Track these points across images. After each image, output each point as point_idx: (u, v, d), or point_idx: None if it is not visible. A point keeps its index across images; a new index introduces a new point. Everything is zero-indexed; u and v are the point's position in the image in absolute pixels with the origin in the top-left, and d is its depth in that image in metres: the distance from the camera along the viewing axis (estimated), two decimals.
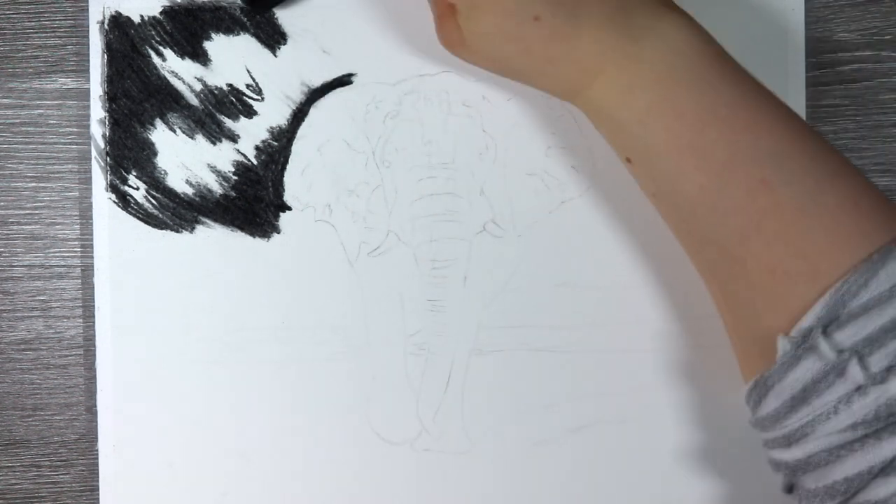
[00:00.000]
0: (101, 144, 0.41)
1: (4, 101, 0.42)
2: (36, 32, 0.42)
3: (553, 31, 0.32)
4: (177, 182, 0.41)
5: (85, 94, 0.41)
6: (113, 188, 0.41)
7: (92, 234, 0.41)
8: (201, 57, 0.41)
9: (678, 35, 0.33)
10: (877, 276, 0.29)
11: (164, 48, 0.41)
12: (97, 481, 0.41)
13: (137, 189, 0.41)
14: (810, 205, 0.31)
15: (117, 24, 0.41)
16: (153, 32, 0.41)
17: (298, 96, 0.41)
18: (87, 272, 0.42)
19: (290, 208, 0.41)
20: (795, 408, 0.30)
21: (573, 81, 0.34)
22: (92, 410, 0.41)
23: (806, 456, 0.30)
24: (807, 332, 0.30)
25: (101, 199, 0.41)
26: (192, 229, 0.41)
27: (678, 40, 0.32)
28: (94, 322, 0.41)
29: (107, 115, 0.41)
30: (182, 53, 0.41)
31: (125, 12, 0.41)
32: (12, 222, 0.42)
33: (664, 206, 0.35)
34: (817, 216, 0.30)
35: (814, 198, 0.31)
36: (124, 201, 0.41)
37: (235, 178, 0.41)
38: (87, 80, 0.41)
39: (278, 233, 0.41)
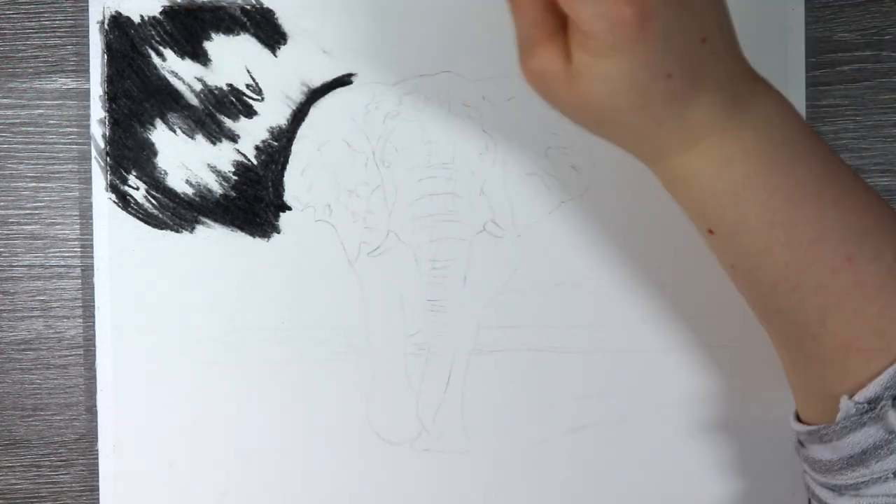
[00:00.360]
0: (101, 144, 0.41)
1: (4, 101, 0.42)
2: (36, 32, 0.42)
3: (676, 91, 0.31)
4: (177, 182, 0.41)
5: (85, 94, 0.41)
6: (113, 188, 0.41)
7: (92, 234, 0.41)
8: (201, 57, 0.41)
9: (774, 108, 0.32)
10: None
11: (164, 48, 0.41)
12: (97, 481, 0.41)
13: (137, 189, 0.41)
14: (890, 281, 0.31)
15: (117, 24, 0.41)
16: (153, 32, 0.41)
17: (298, 96, 0.41)
18: (87, 272, 0.42)
19: (290, 208, 0.41)
20: (851, 466, 0.31)
21: (671, 145, 0.33)
22: (92, 410, 0.41)
23: None
24: (873, 399, 0.30)
25: (101, 199, 0.41)
26: (192, 229, 0.41)
27: (774, 113, 0.32)
28: (94, 322, 0.41)
29: (107, 115, 0.41)
30: (182, 53, 0.41)
31: (125, 12, 0.41)
32: (12, 222, 0.42)
33: (743, 280, 0.34)
34: (893, 293, 0.31)
35: (893, 274, 0.31)
36: (124, 201, 0.41)
37: (235, 178, 0.41)
38: (87, 80, 0.41)
39: (278, 233, 0.41)
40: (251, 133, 0.41)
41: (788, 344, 0.34)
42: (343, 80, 0.41)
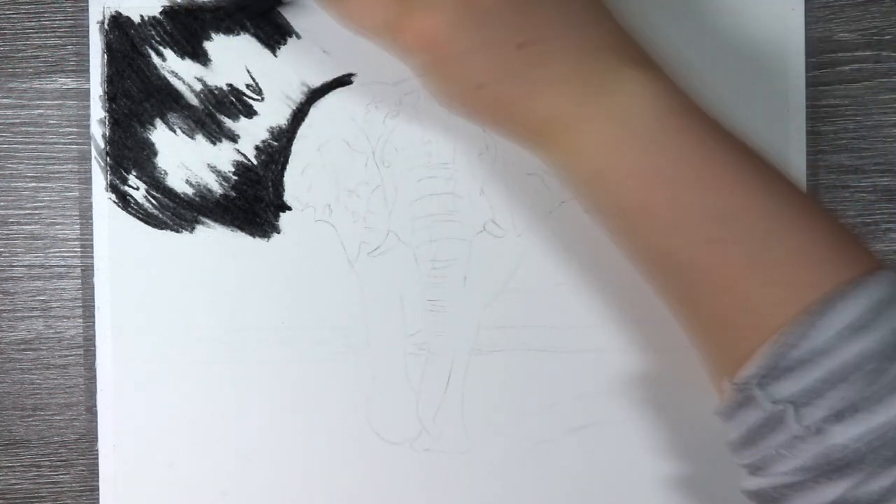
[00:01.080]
0: (101, 144, 0.41)
1: (4, 101, 0.42)
2: (36, 32, 0.42)
3: (498, 98, 0.33)
4: (177, 182, 0.41)
5: (85, 94, 0.41)
6: (113, 188, 0.41)
7: (92, 234, 0.41)
8: (201, 57, 0.41)
9: (638, 94, 0.32)
10: (815, 326, 0.29)
11: (164, 48, 0.41)
12: (97, 481, 0.41)
13: (137, 189, 0.41)
14: (758, 260, 0.31)
15: (117, 24, 0.41)
16: (153, 32, 0.41)
17: (298, 96, 0.41)
18: (87, 272, 0.42)
19: (290, 208, 0.41)
20: (749, 447, 0.32)
21: (529, 140, 0.34)
22: (92, 410, 0.41)
23: (758, 488, 0.32)
24: (748, 381, 0.31)
25: (101, 199, 0.41)
26: (192, 229, 0.41)
27: (637, 100, 0.32)
28: (94, 322, 0.41)
29: (107, 115, 0.41)
30: (182, 53, 0.41)
31: (125, 12, 0.41)
32: (12, 222, 0.42)
33: (630, 259, 0.35)
34: (765, 271, 0.31)
35: (762, 253, 0.31)
36: (124, 201, 0.41)
37: (235, 178, 0.41)
38: (87, 80, 0.41)
39: (278, 233, 0.41)
40: (251, 133, 0.41)
41: (678, 318, 0.35)
42: (343, 80, 0.41)
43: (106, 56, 0.41)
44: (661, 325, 0.41)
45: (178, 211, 0.41)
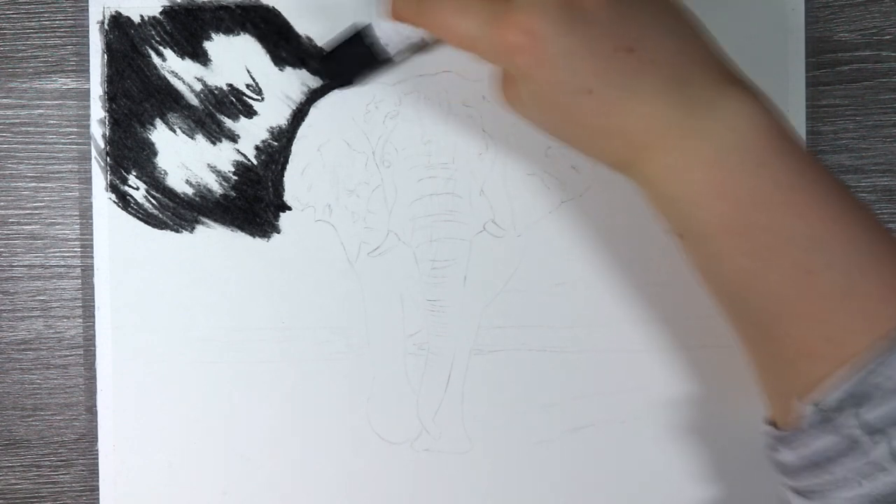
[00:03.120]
0: (101, 144, 0.41)
1: (4, 101, 0.42)
2: (36, 32, 0.42)
3: (604, 104, 0.31)
4: (177, 182, 0.41)
5: (85, 94, 0.41)
6: (113, 188, 0.41)
7: (92, 234, 0.41)
8: (201, 57, 0.41)
9: (738, 113, 0.31)
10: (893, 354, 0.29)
11: (164, 48, 0.41)
12: (97, 481, 0.41)
13: (137, 189, 0.41)
14: (848, 290, 0.31)
15: (117, 24, 0.41)
16: (153, 32, 0.41)
17: (298, 96, 0.41)
18: (87, 272, 0.42)
19: (290, 208, 0.41)
20: (815, 472, 0.31)
21: (626, 155, 0.33)
22: (92, 410, 0.41)
23: None
24: (835, 406, 0.30)
25: (101, 199, 0.41)
26: (192, 229, 0.41)
27: (739, 119, 0.31)
28: (94, 322, 0.41)
29: (107, 115, 0.41)
30: (182, 53, 0.41)
31: (125, 12, 0.41)
32: (12, 222, 0.42)
33: (708, 281, 0.34)
34: (854, 301, 0.31)
35: (853, 283, 0.31)
36: (124, 201, 0.41)
37: (235, 178, 0.41)
38: (87, 80, 0.41)
39: (278, 233, 0.41)
40: (251, 133, 0.41)
41: (751, 346, 0.34)
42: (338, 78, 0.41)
43: (106, 56, 0.41)
44: (661, 324, 0.41)
45: (178, 211, 0.41)
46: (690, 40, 0.32)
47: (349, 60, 0.40)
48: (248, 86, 0.41)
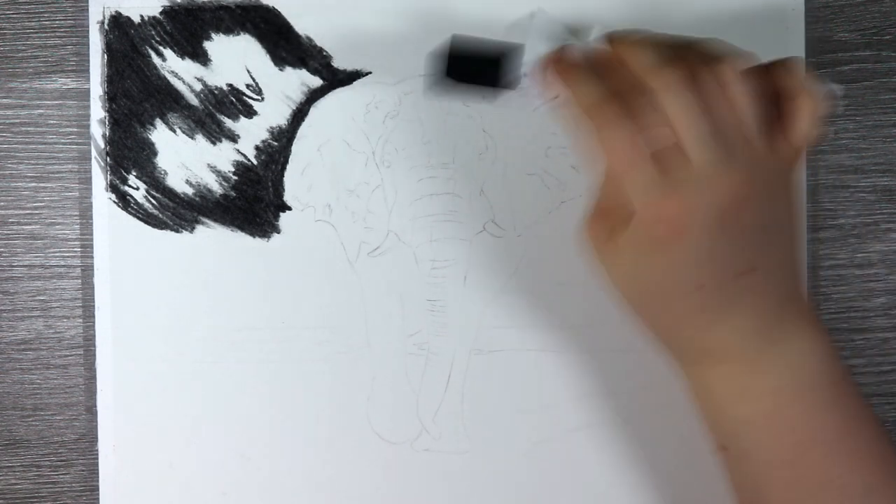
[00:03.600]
0: (101, 144, 0.41)
1: (4, 101, 0.42)
2: (36, 32, 0.42)
3: (704, 304, 0.32)
4: (177, 182, 0.41)
5: (85, 94, 0.41)
6: (113, 188, 0.41)
7: (92, 234, 0.41)
8: (201, 57, 0.41)
9: (809, 352, 0.32)
10: None
11: (164, 48, 0.41)
12: (97, 481, 0.41)
13: (137, 189, 0.41)
14: None
15: (117, 24, 0.41)
16: (153, 32, 0.41)
17: (298, 96, 0.41)
18: (87, 272, 0.42)
19: (290, 208, 0.41)
20: None
21: (694, 355, 0.34)
22: (92, 410, 0.41)
23: None
24: None
25: (101, 199, 0.41)
26: (192, 229, 0.41)
27: (808, 358, 0.32)
28: (94, 322, 0.41)
29: (107, 115, 0.41)
30: (182, 53, 0.41)
31: (125, 12, 0.41)
32: (12, 222, 0.42)
33: (741, 497, 0.35)
34: None
35: None
36: (124, 201, 0.41)
37: (235, 178, 0.41)
38: (87, 80, 0.41)
39: (278, 233, 0.41)
40: (251, 133, 0.41)
41: None
42: (343, 80, 0.41)
43: (106, 56, 0.41)
44: None
45: (178, 211, 0.41)
46: (792, 273, 0.33)
47: (472, 69, 0.34)
48: (248, 86, 0.41)
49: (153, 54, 0.41)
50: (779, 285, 0.32)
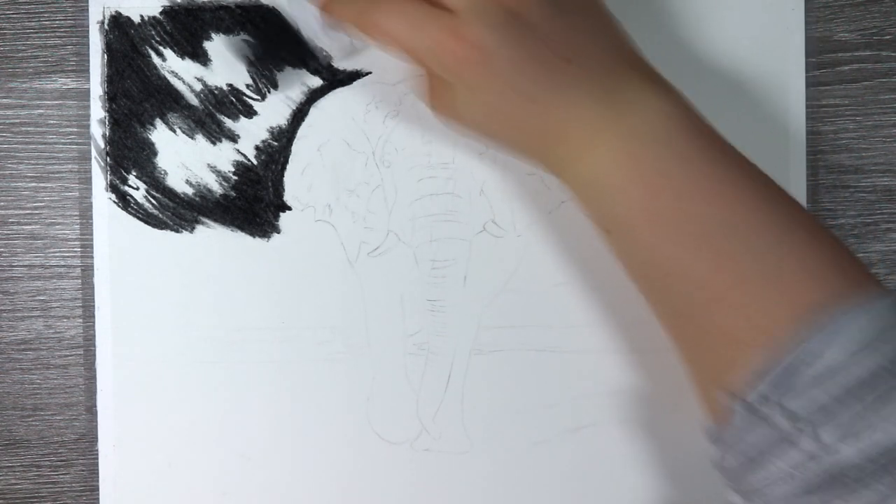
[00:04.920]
0: (101, 144, 0.41)
1: (4, 101, 0.42)
2: (36, 32, 0.42)
3: (546, 111, 0.33)
4: (177, 182, 0.41)
5: (85, 94, 0.41)
6: (113, 188, 0.41)
7: (92, 234, 0.41)
8: (201, 57, 0.41)
9: (655, 108, 0.33)
10: (830, 345, 0.29)
11: (164, 48, 0.41)
12: (97, 481, 0.41)
13: (137, 189, 0.41)
14: (774, 277, 0.31)
15: (117, 24, 0.41)
16: (153, 32, 0.41)
17: (298, 96, 0.41)
18: (87, 272, 0.42)
19: (290, 208, 0.41)
20: (752, 469, 0.31)
21: (563, 157, 0.35)
22: (92, 410, 0.41)
23: None
24: (761, 398, 0.30)
25: (101, 199, 0.41)
26: (192, 229, 0.41)
27: (654, 114, 0.33)
28: (94, 322, 0.41)
29: (107, 115, 0.41)
30: (182, 53, 0.41)
31: (125, 12, 0.41)
32: (12, 222, 0.42)
33: (635, 274, 0.35)
34: (780, 288, 0.31)
35: (778, 270, 0.31)
36: (124, 201, 0.41)
37: (235, 178, 0.41)
38: (87, 80, 0.41)
39: (278, 233, 0.41)
40: (251, 133, 0.41)
41: (680, 339, 0.35)
42: (343, 80, 0.41)
43: (106, 56, 0.41)
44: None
45: (178, 211, 0.41)
46: (616, 44, 0.34)
47: (285, 58, 0.40)
48: (248, 86, 0.41)
49: (153, 54, 0.41)
50: (602, 67, 0.33)
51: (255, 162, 0.41)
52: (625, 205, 0.33)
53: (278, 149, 0.41)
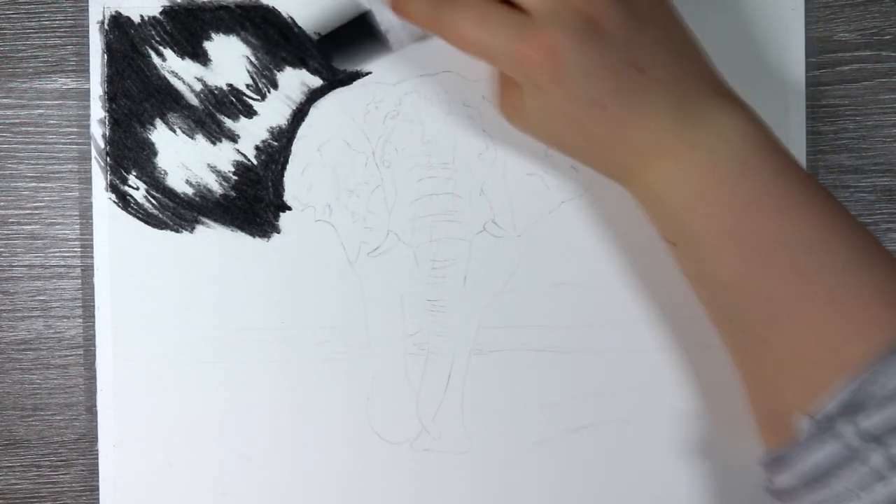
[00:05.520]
0: (101, 144, 0.41)
1: (4, 101, 0.42)
2: (36, 32, 0.42)
3: (615, 119, 0.33)
4: (177, 182, 0.41)
5: (85, 94, 0.41)
6: (113, 188, 0.41)
7: (92, 234, 0.41)
8: (201, 57, 0.41)
9: (731, 125, 0.33)
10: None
11: (164, 48, 0.41)
12: (97, 481, 0.41)
13: (137, 189, 0.41)
14: (842, 295, 0.31)
15: (117, 24, 0.41)
16: (153, 32, 0.41)
17: (298, 96, 0.41)
18: (87, 272, 0.42)
19: (290, 208, 0.41)
20: (814, 488, 0.31)
21: (628, 166, 0.35)
22: (92, 410, 0.41)
23: None
24: (831, 416, 0.30)
25: (101, 199, 0.41)
26: (192, 229, 0.41)
27: (730, 130, 0.33)
28: (94, 322, 0.41)
29: (107, 115, 0.41)
30: (182, 53, 0.41)
31: (125, 12, 0.41)
32: (12, 222, 0.42)
33: (702, 289, 0.35)
34: (848, 306, 0.31)
35: (847, 288, 0.31)
36: (124, 201, 0.41)
37: (235, 178, 0.41)
38: (87, 80, 0.41)
39: (278, 233, 0.41)
40: (251, 133, 0.41)
41: (746, 358, 0.34)
42: (343, 80, 0.41)
43: (106, 56, 0.41)
44: (661, 324, 0.41)
45: (178, 211, 0.41)
46: (691, 58, 0.34)
47: (346, 44, 0.38)
48: (248, 86, 0.41)
49: (153, 54, 0.41)
50: (676, 78, 0.33)
51: (255, 162, 0.41)
52: (692, 218, 0.33)
53: (278, 149, 0.41)
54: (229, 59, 0.41)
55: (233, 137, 0.41)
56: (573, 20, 0.32)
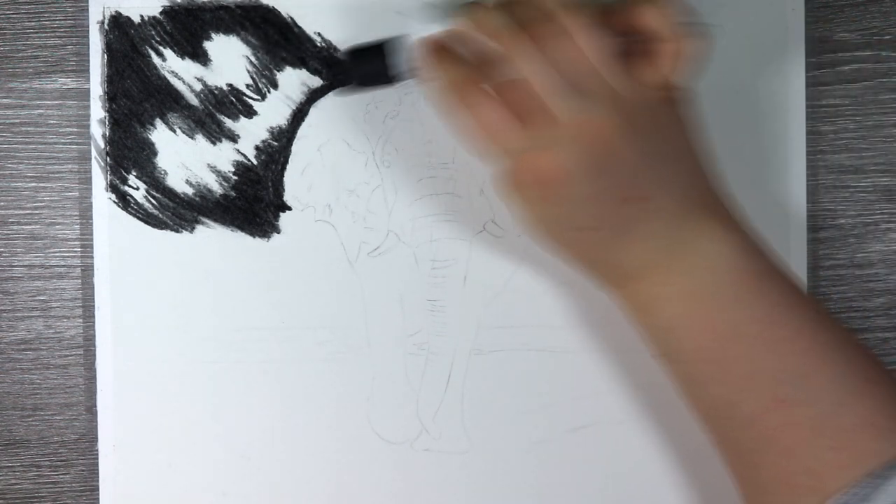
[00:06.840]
0: (101, 144, 0.41)
1: (4, 101, 0.42)
2: (36, 32, 0.42)
3: (605, 242, 0.33)
4: (177, 182, 0.41)
5: (85, 94, 0.41)
6: (113, 188, 0.41)
7: (92, 234, 0.41)
8: (201, 57, 0.41)
9: (720, 252, 0.33)
10: (878, 491, 0.29)
11: (164, 48, 0.41)
12: (97, 481, 0.41)
13: (137, 189, 0.41)
14: (825, 425, 0.31)
15: (117, 24, 0.41)
16: (153, 32, 0.41)
17: (298, 96, 0.41)
18: (87, 272, 0.42)
19: (290, 208, 0.41)
20: None
21: (615, 283, 0.35)
22: (92, 410, 0.41)
23: None
24: None
25: (101, 199, 0.41)
26: (192, 229, 0.41)
27: (718, 258, 0.33)
28: (94, 322, 0.41)
29: (107, 115, 0.41)
30: (182, 53, 0.41)
31: (125, 12, 0.41)
32: (12, 222, 0.42)
33: (691, 406, 0.36)
34: (831, 436, 0.31)
35: (830, 418, 0.31)
36: (124, 201, 0.41)
37: (235, 178, 0.41)
38: (87, 80, 0.41)
39: (278, 233, 0.41)
40: (251, 133, 0.41)
41: (734, 469, 0.35)
42: (343, 80, 0.41)
43: (106, 56, 0.41)
44: None
45: (178, 211, 0.41)
46: (688, 191, 0.34)
47: (363, 66, 0.37)
48: (248, 86, 0.41)
49: (153, 54, 0.41)
50: (677, 206, 0.33)
51: (255, 162, 0.41)
52: (678, 342, 0.34)
53: (278, 149, 0.41)
54: (229, 59, 0.41)
55: (233, 137, 0.41)
56: (588, 144, 0.31)
